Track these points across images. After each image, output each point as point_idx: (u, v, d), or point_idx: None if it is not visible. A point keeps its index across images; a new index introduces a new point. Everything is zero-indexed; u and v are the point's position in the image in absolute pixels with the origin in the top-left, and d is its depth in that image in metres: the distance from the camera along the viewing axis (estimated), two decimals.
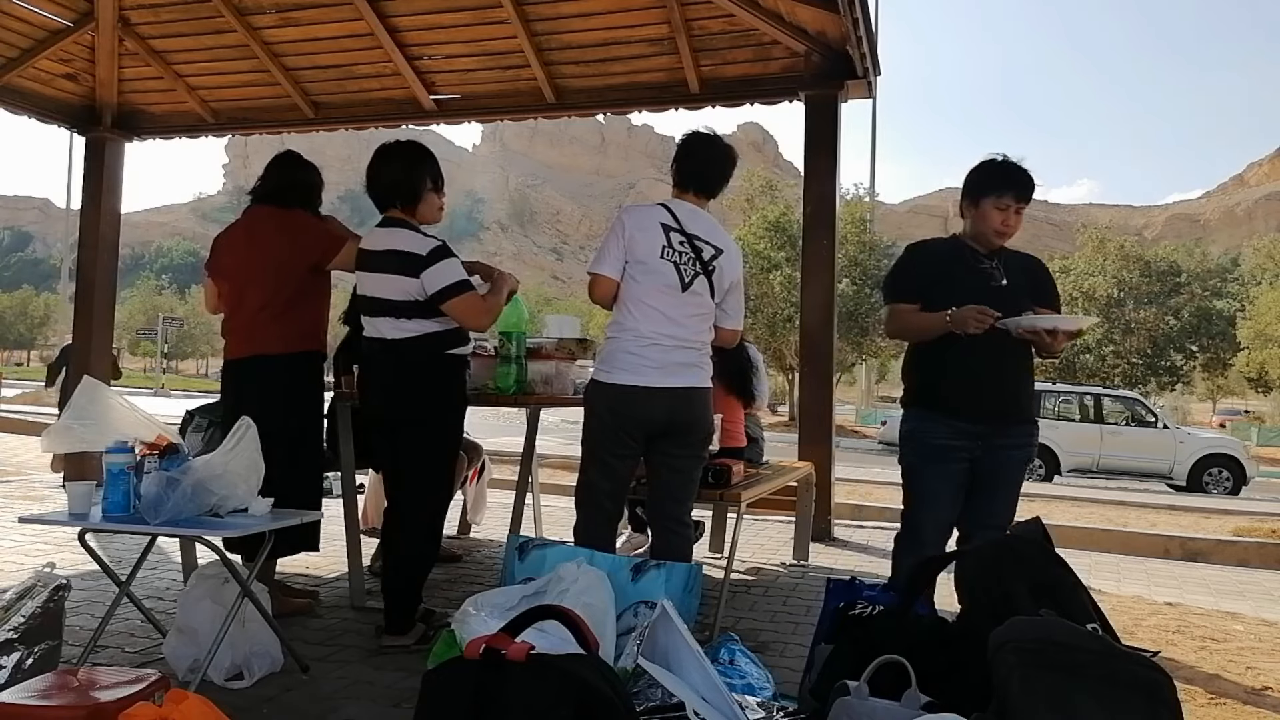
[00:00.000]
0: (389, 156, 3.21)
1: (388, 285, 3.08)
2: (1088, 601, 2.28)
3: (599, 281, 3.09)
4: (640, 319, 3.04)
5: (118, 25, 6.92)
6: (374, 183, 3.21)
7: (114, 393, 2.79)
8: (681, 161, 3.20)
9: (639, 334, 3.04)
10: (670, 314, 3.05)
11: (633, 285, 3.05)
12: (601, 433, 3.11)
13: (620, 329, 3.07)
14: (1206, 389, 45.01)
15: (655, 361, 3.03)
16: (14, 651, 2.48)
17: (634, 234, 3.05)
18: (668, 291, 3.05)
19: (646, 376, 3.02)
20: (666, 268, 3.05)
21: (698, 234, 3.11)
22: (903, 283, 3.12)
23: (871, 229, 30.26)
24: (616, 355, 3.06)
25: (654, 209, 3.12)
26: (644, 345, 3.03)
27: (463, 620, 2.58)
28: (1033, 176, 3.02)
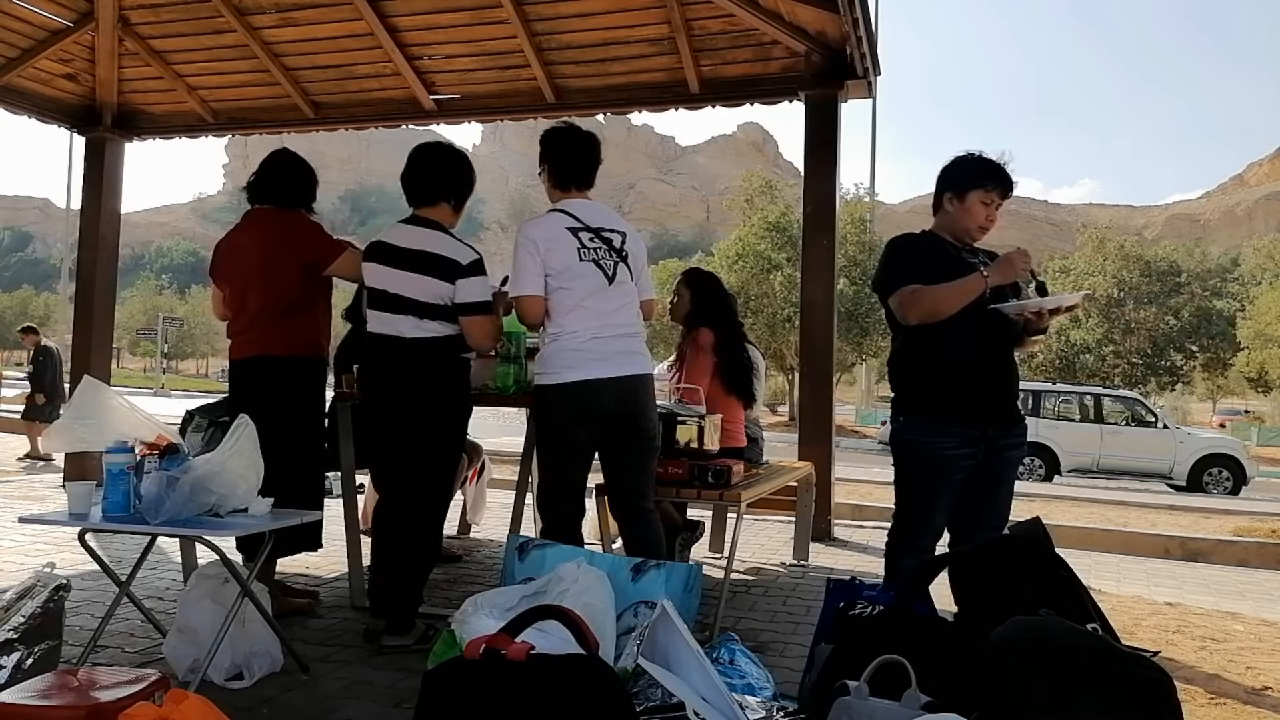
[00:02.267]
0: (452, 156, 3.26)
1: (419, 286, 3.09)
2: (1088, 601, 2.28)
3: (529, 302, 3.07)
4: (577, 322, 3.07)
5: (118, 25, 6.93)
6: (426, 175, 3.21)
7: (114, 393, 2.78)
8: (553, 163, 3.18)
9: (578, 334, 3.07)
10: (603, 310, 3.10)
11: (563, 295, 3.07)
12: (554, 434, 3.13)
13: (558, 334, 3.08)
14: (1206, 389, 45.02)
15: (599, 354, 3.07)
16: (14, 651, 2.48)
17: (547, 248, 3.05)
18: (597, 291, 3.09)
19: (592, 370, 3.06)
20: (589, 269, 3.08)
21: (603, 226, 3.15)
22: (910, 267, 2.96)
23: (871, 229, 30.25)
24: (560, 355, 3.07)
25: (554, 217, 3.12)
26: (584, 342, 3.07)
27: (463, 620, 2.58)
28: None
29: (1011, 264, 2.88)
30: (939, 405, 2.95)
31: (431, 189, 3.22)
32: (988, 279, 2.83)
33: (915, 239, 3.08)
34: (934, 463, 2.95)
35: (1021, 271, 2.89)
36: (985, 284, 2.84)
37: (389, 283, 3.12)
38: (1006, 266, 2.88)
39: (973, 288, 2.84)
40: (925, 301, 2.88)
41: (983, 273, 2.84)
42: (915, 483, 3.01)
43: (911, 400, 3.03)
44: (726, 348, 4.36)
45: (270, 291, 3.46)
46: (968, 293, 2.84)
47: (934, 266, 2.92)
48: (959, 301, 2.84)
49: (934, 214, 3.09)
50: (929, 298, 2.87)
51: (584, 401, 3.05)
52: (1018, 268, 2.88)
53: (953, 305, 2.85)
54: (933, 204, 3.10)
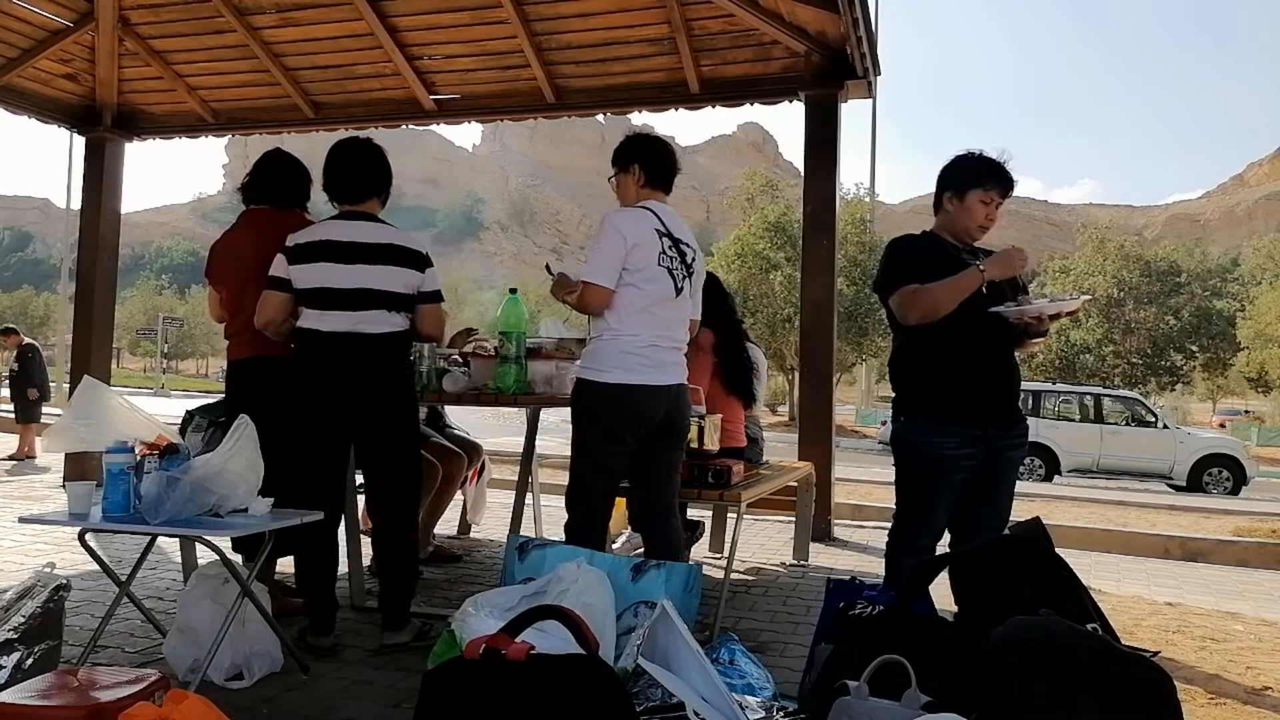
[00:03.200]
0: (376, 151, 3.23)
1: (393, 278, 3.09)
2: (1088, 601, 2.28)
3: (598, 292, 3.02)
4: (640, 325, 3.05)
5: (118, 25, 6.93)
6: (358, 172, 3.19)
7: (114, 393, 2.78)
8: (649, 162, 3.19)
9: (638, 337, 3.05)
10: (665, 318, 3.10)
11: (634, 294, 3.04)
12: (602, 431, 3.10)
13: (617, 333, 3.06)
14: (1206, 389, 45.02)
15: (655, 362, 3.06)
16: (14, 651, 2.48)
17: (635, 243, 3.03)
18: (665, 299, 3.08)
19: (649, 375, 3.04)
20: (663, 275, 3.07)
21: (681, 237, 3.16)
22: (909, 267, 2.96)
23: (871, 229, 30.24)
24: (616, 356, 3.04)
25: (644, 214, 3.11)
26: (642, 346, 3.05)
27: (463, 620, 2.58)
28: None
29: (1010, 259, 2.89)
30: (940, 405, 2.95)
31: (364, 185, 3.20)
32: (984, 272, 2.84)
33: (915, 239, 3.08)
34: (934, 463, 2.95)
35: (1019, 268, 2.90)
36: (982, 278, 2.84)
37: (353, 279, 3.05)
38: (1005, 261, 2.89)
39: (970, 283, 2.84)
40: (923, 300, 2.88)
41: (979, 267, 2.85)
42: (916, 483, 3.01)
43: (912, 400, 3.03)
44: (726, 348, 4.36)
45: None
46: (965, 288, 2.84)
47: (934, 266, 2.91)
48: (956, 297, 2.84)
49: (934, 214, 3.10)
50: (927, 296, 2.88)
51: (636, 404, 3.04)
52: (1015, 264, 2.89)
53: (951, 301, 2.85)
54: (933, 204, 3.10)
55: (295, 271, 3.10)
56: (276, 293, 3.13)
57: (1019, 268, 2.91)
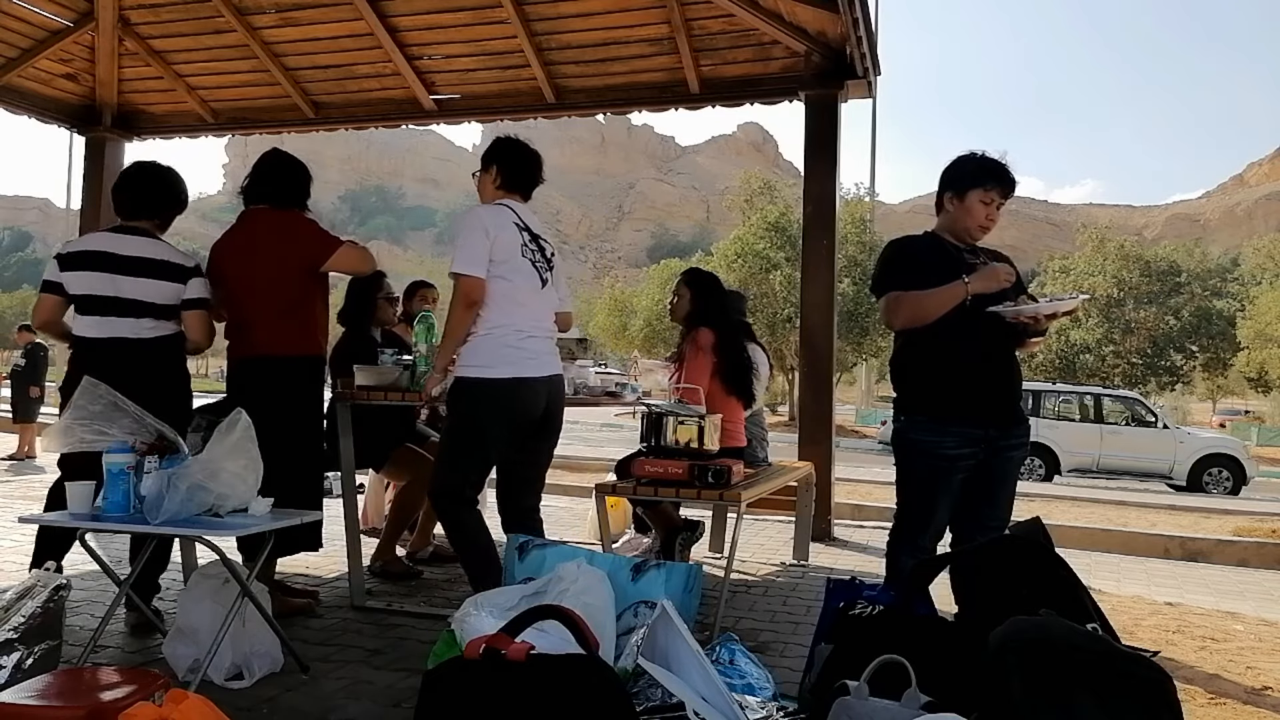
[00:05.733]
0: (154, 175, 3.45)
1: (153, 289, 3.29)
2: (1088, 601, 2.28)
3: (475, 283, 3.04)
4: (515, 317, 3.09)
5: (118, 25, 6.93)
6: (131, 195, 3.40)
7: (114, 393, 2.78)
8: (508, 167, 3.26)
9: (517, 329, 3.09)
10: (536, 310, 3.17)
11: (503, 284, 3.08)
12: (484, 428, 3.10)
13: (494, 325, 3.08)
14: (1206, 389, 44.97)
15: (533, 353, 3.13)
16: (14, 651, 2.48)
17: (497, 234, 3.08)
18: (533, 290, 3.14)
19: (530, 368, 3.10)
20: (527, 267, 3.13)
21: (539, 233, 3.23)
22: (902, 272, 2.99)
23: (871, 229, 30.25)
24: (498, 350, 3.07)
25: (502, 209, 3.17)
26: (523, 339, 3.10)
27: (463, 620, 2.58)
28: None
29: (995, 275, 2.90)
30: (940, 405, 2.96)
31: (138, 205, 3.40)
32: (968, 286, 2.86)
33: (914, 240, 3.09)
34: (935, 462, 2.95)
35: (1004, 283, 2.90)
36: (966, 292, 2.86)
37: (117, 288, 3.26)
38: (989, 277, 2.90)
39: (953, 295, 2.87)
40: (905, 308, 2.95)
41: (964, 280, 2.87)
42: (916, 482, 3.02)
43: (913, 400, 3.04)
44: (726, 347, 4.35)
45: (267, 291, 3.45)
46: (948, 300, 2.88)
47: (931, 268, 2.93)
48: (939, 309, 2.89)
49: (936, 214, 3.11)
50: (909, 305, 2.93)
51: (518, 398, 3.08)
52: (1000, 279, 2.90)
53: (933, 312, 2.90)
54: (935, 204, 3.12)
55: (66, 278, 3.30)
56: (49, 295, 3.34)
57: (1003, 284, 2.91)
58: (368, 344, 4.40)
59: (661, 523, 4.53)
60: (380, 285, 4.65)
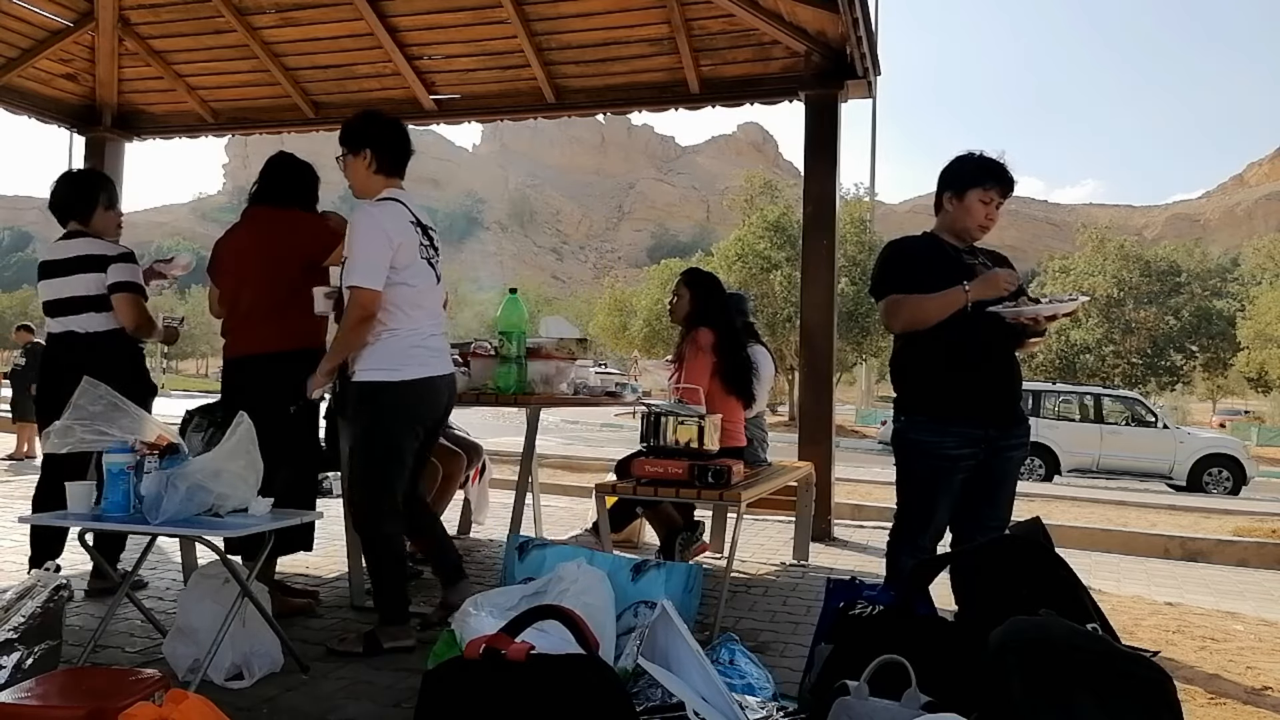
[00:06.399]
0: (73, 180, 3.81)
1: (81, 284, 3.56)
2: (1088, 601, 2.28)
3: (372, 296, 2.95)
4: (419, 319, 3.08)
5: (118, 25, 6.93)
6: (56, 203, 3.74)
7: (114, 393, 2.78)
8: (384, 147, 3.11)
9: (419, 330, 3.08)
10: (434, 309, 3.17)
11: (406, 290, 3.03)
12: (400, 432, 3.06)
13: (398, 328, 3.03)
14: (1206, 389, 44.99)
15: (436, 351, 3.14)
16: (14, 651, 2.48)
17: (400, 242, 3.01)
18: (430, 289, 3.13)
19: (435, 367, 3.11)
20: (425, 267, 3.10)
21: (427, 224, 3.18)
22: (901, 274, 2.98)
23: (871, 229, 30.26)
24: (406, 351, 3.04)
25: (399, 208, 3.06)
26: (425, 338, 3.10)
27: (463, 620, 2.58)
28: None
29: (995, 282, 2.89)
30: (940, 405, 2.96)
31: (64, 209, 3.74)
32: (968, 294, 2.86)
33: (913, 241, 3.09)
34: (935, 462, 2.95)
35: (1004, 290, 2.90)
36: (966, 299, 2.86)
37: (55, 290, 3.61)
38: (990, 283, 2.89)
39: (953, 301, 2.87)
40: (905, 312, 2.95)
41: (964, 288, 2.87)
42: (916, 482, 3.02)
43: (913, 400, 3.04)
44: (726, 347, 4.35)
45: (265, 288, 3.46)
46: (947, 306, 2.88)
47: (930, 270, 2.93)
48: (939, 314, 2.89)
49: (935, 214, 3.11)
50: (909, 309, 2.93)
51: (428, 398, 3.07)
52: (1000, 286, 2.89)
53: (933, 317, 2.90)
54: (934, 204, 3.12)
55: (39, 289, 3.72)
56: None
57: (1004, 290, 2.90)
58: None
59: (662, 523, 4.53)
60: None
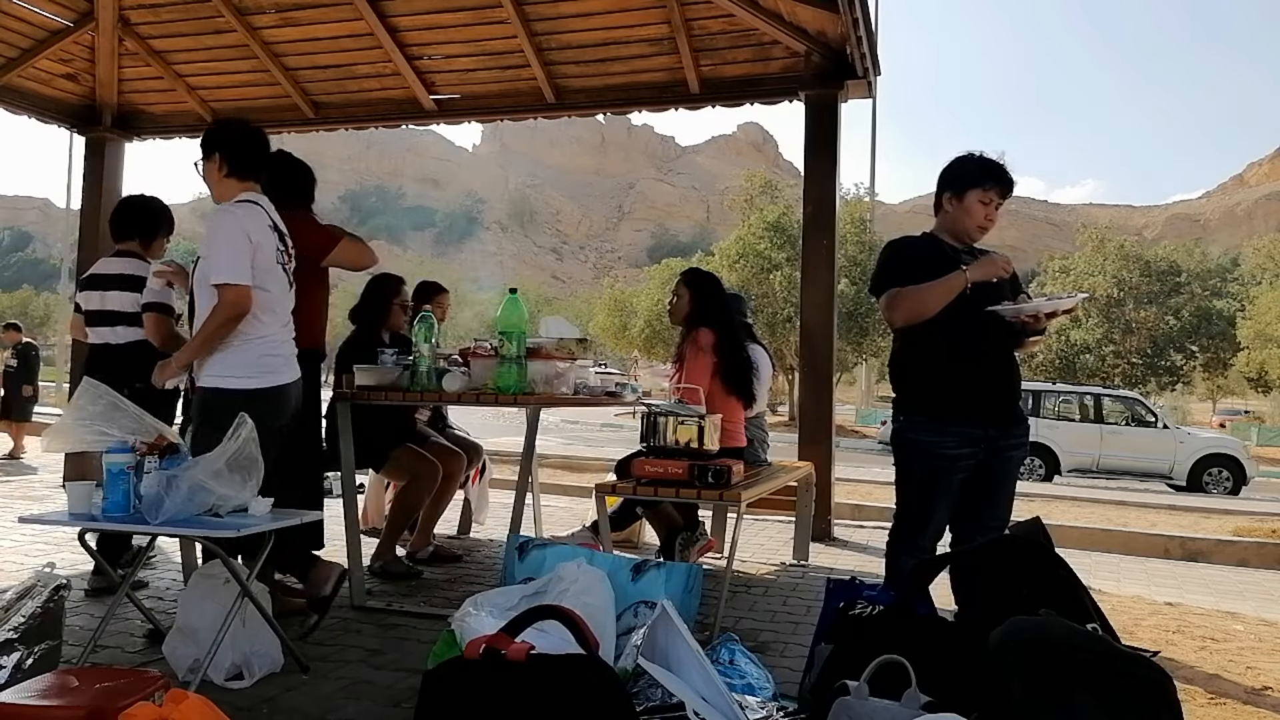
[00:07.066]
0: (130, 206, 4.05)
1: (119, 300, 3.81)
2: (1088, 601, 2.28)
3: (242, 292, 2.93)
4: (271, 324, 3.07)
5: (118, 25, 6.93)
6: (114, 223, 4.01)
7: (114, 393, 2.78)
8: (235, 152, 3.10)
9: (272, 338, 3.07)
10: (286, 315, 3.15)
11: (262, 295, 3.01)
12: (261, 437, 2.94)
13: (250, 335, 3.01)
14: (1206, 389, 44.94)
15: (288, 358, 3.14)
16: (14, 651, 2.48)
17: (258, 242, 3.00)
18: (284, 295, 3.13)
19: (285, 375, 3.12)
20: (280, 273, 3.10)
21: (284, 230, 3.17)
22: (900, 272, 2.97)
23: (871, 229, 30.24)
24: (258, 359, 3.03)
25: (257, 210, 3.05)
26: (277, 345, 3.10)
27: (463, 620, 2.58)
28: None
29: (993, 264, 2.93)
30: (940, 405, 2.96)
31: (120, 230, 3.99)
32: (968, 274, 2.87)
33: (912, 241, 3.10)
34: (935, 462, 2.95)
35: (1003, 271, 2.93)
36: (966, 281, 2.86)
37: (101, 303, 3.84)
38: (988, 265, 2.92)
39: (954, 285, 2.87)
40: (906, 303, 2.92)
41: (963, 269, 2.87)
42: (916, 482, 3.02)
43: (912, 400, 3.04)
44: (726, 348, 4.36)
45: None
46: (949, 290, 2.87)
47: (929, 269, 2.93)
48: (941, 300, 2.87)
49: (935, 215, 3.11)
50: (910, 299, 2.92)
51: (276, 405, 3.05)
52: (999, 267, 2.93)
53: (935, 304, 2.88)
54: (934, 205, 3.11)
55: (80, 298, 3.95)
56: (75, 314, 4.03)
57: (1002, 272, 2.94)
58: (374, 345, 4.40)
59: (662, 523, 4.53)
60: (398, 291, 4.70)
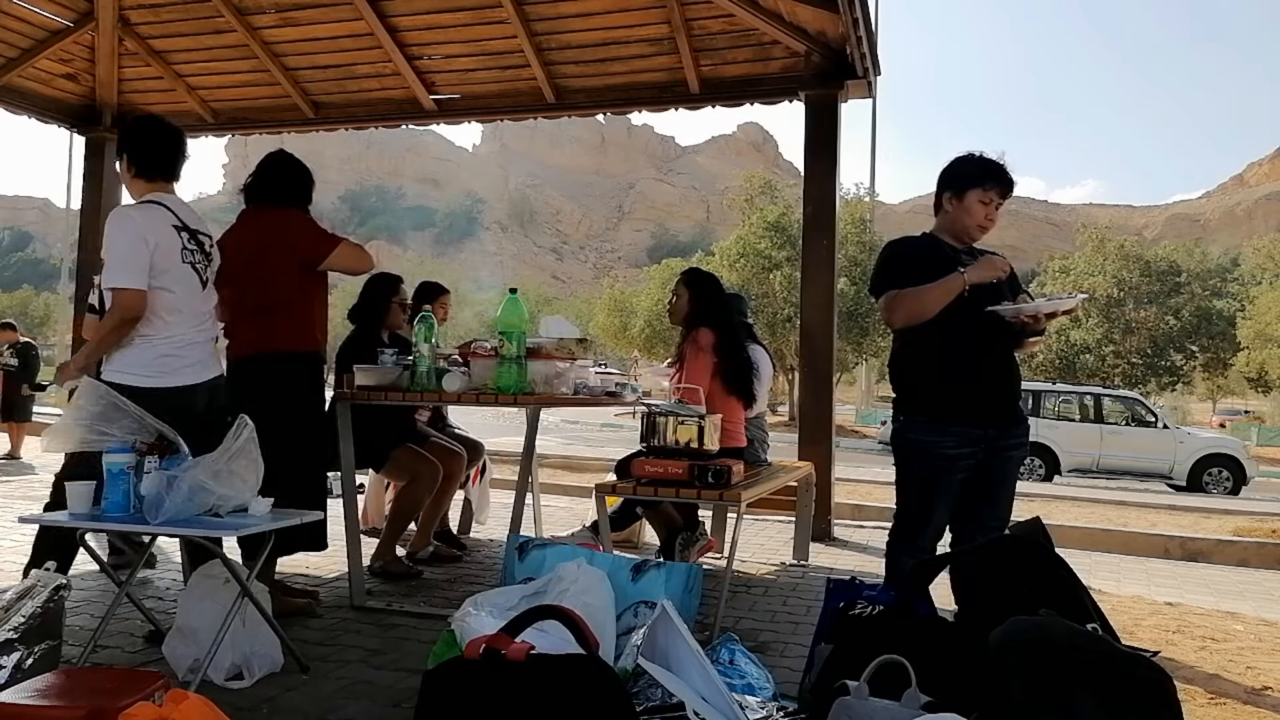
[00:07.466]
0: None
1: None
2: (1088, 601, 2.28)
3: (135, 296, 2.91)
4: (176, 325, 3.04)
5: (118, 25, 6.93)
6: None
7: (114, 393, 2.78)
8: (140, 151, 3.08)
9: (174, 338, 3.04)
10: (198, 313, 3.12)
11: (165, 296, 3.00)
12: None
13: (152, 335, 3.00)
14: (1206, 389, 44.94)
15: (192, 360, 3.09)
16: (14, 651, 2.48)
17: (156, 243, 2.98)
18: (195, 295, 3.10)
19: (189, 376, 3.06)
20: (188, 272, 3.07)
21: (197, 228, 3.15)
22: (900, 272, 2.98)
23: (871, 229, 30.25)
24: (155, 360, 3.00)
25: (159, 211, 3.04)
26: (181, 347, 3.06)
27: (463, 620, 2.58)
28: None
29: (992, 265, 2.93)
30: (940, 405, 2.96)
31: None
32: (966, 276, 2.87)
33: (912, 242, 3.10)
34: (934, 462, 2.95)
35: (1001, 272, 2.94)
36: (964, 282, 2.87)
37: None
38: (986, 266, 2.92)
39: (952, 286, 2.87)
40: (905, 305, 2.93)
41: (961, 270, 2.88)
42: (916, 482, 3.02)
43: (912, 400, 3.04)
44: (726, 348, 4.36)
45: (263, 289, 3.46)
46: (948, 292, 2.87)
47: (929, 269, 2.93)
48: (939, 302, 2.88)
49: (935, 215, 3.11)
50: (908, 300, 2.92)
51: (179, 407, 2.95)
52: (998, 268, 2.93)
53: (934, 305, 2.88)
54: (934, 205, 3.12)
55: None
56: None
57: (1000, 274, 2.94)
58: (374, 344, 4.40)
59: (662, 522, 4.53)
60: (397, 290, 4.71)
